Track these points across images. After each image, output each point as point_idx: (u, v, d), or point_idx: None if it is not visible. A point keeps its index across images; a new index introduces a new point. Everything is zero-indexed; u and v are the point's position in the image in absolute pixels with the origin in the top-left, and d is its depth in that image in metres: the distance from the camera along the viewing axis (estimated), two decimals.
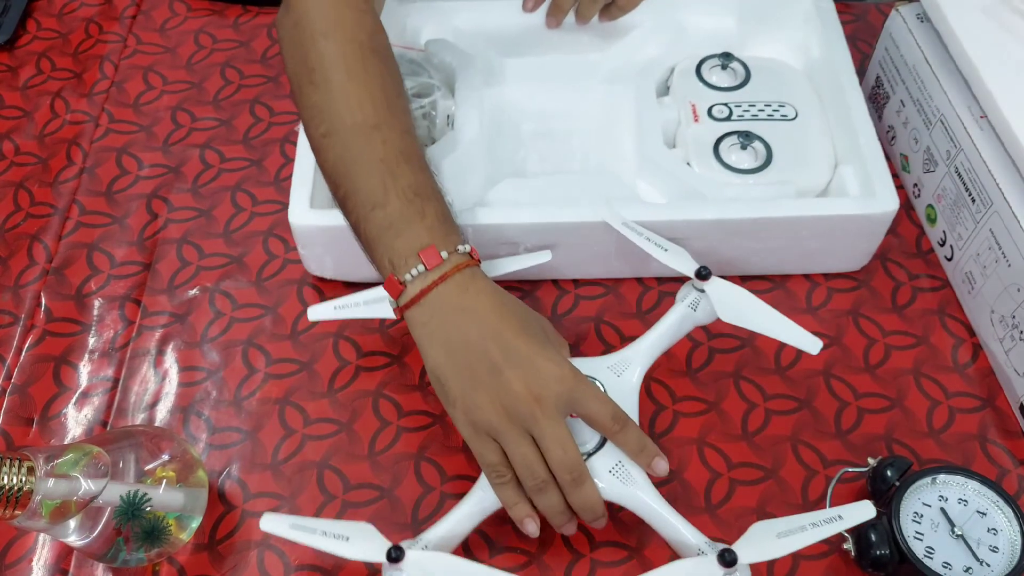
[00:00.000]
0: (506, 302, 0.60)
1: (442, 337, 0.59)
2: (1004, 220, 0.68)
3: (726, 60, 0.83)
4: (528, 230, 0.71)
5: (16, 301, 0.78)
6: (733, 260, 0.75)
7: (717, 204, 0.72)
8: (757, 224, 0.72)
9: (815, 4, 0.85)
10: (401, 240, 0.60)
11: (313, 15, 0.65)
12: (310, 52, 0.65)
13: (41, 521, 0.55)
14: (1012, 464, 0.68)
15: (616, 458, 0.60)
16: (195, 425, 0.71)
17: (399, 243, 0.60)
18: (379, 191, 0.61)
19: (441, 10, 0.87)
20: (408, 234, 0.60)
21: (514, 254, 0.72)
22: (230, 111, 0.92)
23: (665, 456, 0.59)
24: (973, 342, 0.74)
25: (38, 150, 0.89)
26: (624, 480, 0.60)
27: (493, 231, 0.71)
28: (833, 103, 0.80)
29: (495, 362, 0.57)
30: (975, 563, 0.59)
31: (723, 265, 0.74)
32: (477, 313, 0.59)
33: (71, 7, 1.02)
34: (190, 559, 0.65)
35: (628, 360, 0.65)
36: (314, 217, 0.71)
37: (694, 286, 0.67)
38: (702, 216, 0.71)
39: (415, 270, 0.59)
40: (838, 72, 0.80)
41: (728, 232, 0.72)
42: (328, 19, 0.65)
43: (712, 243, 0.73)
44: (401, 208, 0.60)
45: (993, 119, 0.70)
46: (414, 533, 0.65)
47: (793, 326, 0.65)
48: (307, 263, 0.76)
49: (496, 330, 0.58)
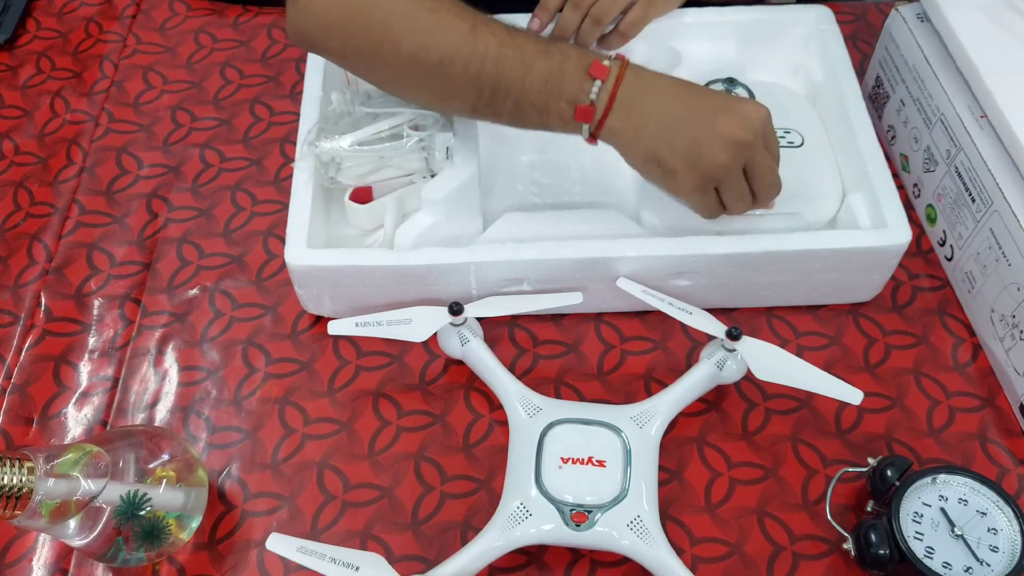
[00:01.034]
0: (675, 78, 0.67)
1: (647, 124, 0.65)
2: (1004, 219, 0.68)
3: (730, 85, 0.82)
4: (533, 266, 0.71)
5: (16, 301, 0.78)
6: (741, 294, 0.74)
7: (726, 239, 0.70)
8: (768, 258, 0.70)
9: (816, 26, 0.84)
10: (566, 79, 0.64)
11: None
12: (373, 16, 0.66)
13: (41, 521, 0.55)
14: (1012, 464, 0.68)
15: (635, 512, 0.61)
16: (195, 425, 0.71)
17: (565, 82, 0.64)
18: (518, 65, 0.65)
19: None
20: (567, 71, 0.65)
21: (519, 290, 0.72)
22: (230, 111, 0.92)
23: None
24: (973, 342, 0.74)
25: (38, 149, 0.89)
26: (642, 536, 0.60)
27: (499, 268, 0.71)
28: (839, 128, 0.79)
29: (702, 118, 0.64)
30: (975, 563, 0.59)
31: (730, 298, 0.74)
32: (664, 90, 0.65)
33: (71, 7, 1.02)
34: (190, 559, 0.65)
35: (651, 413, 0.66)
36: (312, 257, 0.71)
37: (723, 346, 0.67)
38: (712, 251, 0.70)
39: (594, 87, 0.64)
40: (843, 96, 0.78)
41: (737, 266, 0.71)
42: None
43: (721, 278, 0.72)
44: (545, 62, 0.65)
45: (993, 119, 0.70)
46: (414, 533, 0.65)
47: (831, 379, 0.65)
48: (304, 303, 0.75)
49: (687, 97, 0.65)
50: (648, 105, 0.64)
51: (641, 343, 0.75)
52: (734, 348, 0.67)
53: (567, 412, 0.66)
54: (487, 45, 0.65)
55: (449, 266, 0.70)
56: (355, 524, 0.66)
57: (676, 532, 0.65)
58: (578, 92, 0.64)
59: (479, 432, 0.70)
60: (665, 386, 0.69)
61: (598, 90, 0.64)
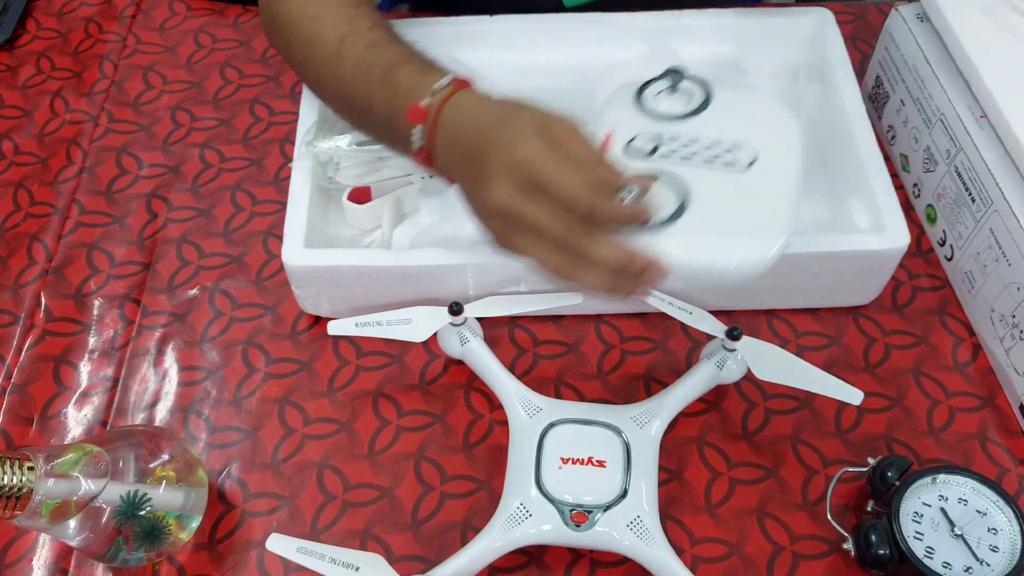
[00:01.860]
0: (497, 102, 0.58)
1: (449, 162, 0.60)
2: (1004, 219, 0.68)
3: (676, 77, 0.65)
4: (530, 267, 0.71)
5: (16, 301, 0.78)
6: (739, 296, 0.74)
7: None
8: None
9: (817, 26, 0.84)
10: (398, 120, 0.62)
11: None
12: (275, 19, 0.71)
13: (41, 521, 0.55)
14: (1012, 464, 0.68)
15: (635, 512, 0.61)
16: (195, 425, 0.71)
17: (398, 123, 0.62)
18: (364, 95, 0.64)
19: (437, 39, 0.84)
20: (397, 110, 0.62)
21: (517, 291, 0.72)
22: (230, 111, 0.92)
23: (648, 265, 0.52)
24: (973, 341, 0.74)
25: (38, 150, 0.89)
26: (642, 536, 0.60)
27: (496, 269, 0.71)
28: (838, 131, 0.78)
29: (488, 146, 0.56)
30: (975, 563, 0.59)
31: (728, 301, 0.74)
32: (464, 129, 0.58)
33: (71, 7, 1.02)
34: (190, 559, 0.65)
35: (651, 413, 0.66)
36: (309, 257, 0.71)
37: (723, 346, 0.67)
38: None
39: (416, 133, 0.61)
40: (843, 98, 0.77)
41: None
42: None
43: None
44: (382, 95, 0.63)
45: (993, 118, 0.70)
46: (414, 533, 0.65)
47: (831, 379, 0.65)
48: (302, 303, 0.75)
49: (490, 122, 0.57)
50: (451, 146, 0.59)
51: (641, 343, 0.75)
52: (734, 348, 0.67)
53: (567, 412, 0.66)
54: (344, 66, 0.65)
55: (447, 266, 0.70)
56: (355, 524, 0.66)
57: (676, 532, 0.65)
58: (406, 137, 0.61)
59: (479, 432, 0.70)
60: (665, 386, 0.69)
61: (417, 135, 0.60)
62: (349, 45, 0.65)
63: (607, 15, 0.86)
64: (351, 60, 0.65)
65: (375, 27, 0.67)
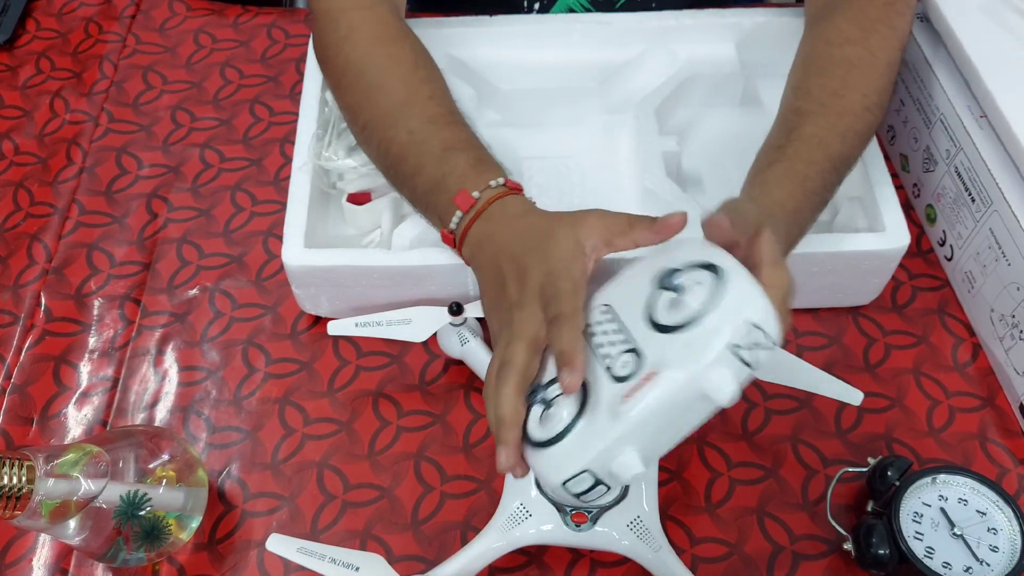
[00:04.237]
0: (521, 235, 0.58)
1: (476, 253, 0.61)
2: (1004, 219, 0.68)
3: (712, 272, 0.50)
4: None
5: (16, 301, 0.78)
6: None
7: None
8: None
9: None
10: (442, 195, 0.63)
11: (331, 21, 0.71)
12: (336, 58, 0.71)
13: (41, 521, 0.55)
14: (1012, 464, 0.68)
15: (635, 512, 0.61)
16: (195, 425, 0.71)
17: (441, 199, 0.63)
18: (414, 162, 0.65)
19: (437, 39, 0.84)
20: (445, 188, 0.63)
21: None
22: (230, 111, 0.92)
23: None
24: (973, 341, 0.74)
25: (38, 150, 0.89)
26: (642, 536, 0.60)
27: None
28: None
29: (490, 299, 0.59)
30: (975, 563, 0.59)
31: None
32: (494, 243, 0.59)
33: (71, 7, 1.02)
34: (190, 559, 0.65)
35: None
36: (309, 257, 0.71)
37: None
38: None
39: (455, 216, 0.61)
40: None
41: None
42: (344, 24, 0.71)
43: None
44: (435, 169, 0.64)
45: (993, 119, 0.70)
46: (414, 533, 0.65)
47: (831, 379, 0.64)
48: (302, 303, 0.75)
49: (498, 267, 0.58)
50: (482, 252, 0.60)
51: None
52: None
53: None
54: (400, 130, 0.65)
55: (446, 267, 0.70)
56: (355, 524, 0.66)
57: (676, 532, 0.65)
58: (445, 215, 0.62)
59: (479, 432, 0.70)
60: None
61: (456, 220, 0.62)
62: (408, 113, 0.66)
63: (607, 15, 0.86)
64: (407, 127, 0.65)
65: (432, 99, 0.67)
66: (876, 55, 0.68)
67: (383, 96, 0.68)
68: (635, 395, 0.48)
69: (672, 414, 0.49)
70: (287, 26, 0.99)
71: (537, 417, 0.52)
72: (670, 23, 0.85)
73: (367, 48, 0.70)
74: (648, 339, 0.50)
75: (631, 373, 0.49)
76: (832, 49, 0.69)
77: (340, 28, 0.71)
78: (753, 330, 0.48)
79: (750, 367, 0.48)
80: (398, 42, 0.71)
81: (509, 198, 0.61)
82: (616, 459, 0.49)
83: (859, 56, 0.68)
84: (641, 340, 0.50)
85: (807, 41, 0.73)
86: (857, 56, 0.68)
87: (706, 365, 0.47)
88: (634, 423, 0.48)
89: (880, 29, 0.69)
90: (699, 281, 0.50)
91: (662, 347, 0.49)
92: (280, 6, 1.08)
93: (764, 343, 0.48)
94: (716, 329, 0.48)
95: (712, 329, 0.48)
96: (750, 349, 0.48)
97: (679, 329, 0.49)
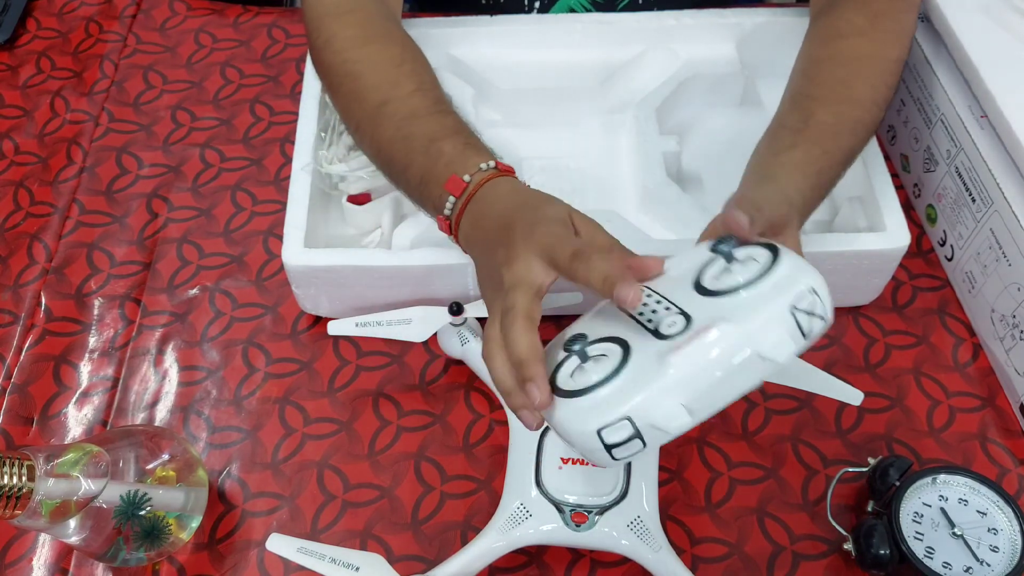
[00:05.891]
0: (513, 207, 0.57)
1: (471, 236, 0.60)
2: (1004, 219, 0.68)
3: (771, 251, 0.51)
4: None
5: (16, 300, 0.78)
6: None
7: None
8: None
9: None
10: (434, 184, 0.62)
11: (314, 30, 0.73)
12: (321, 64, 0.73)
13: (41, 521, 0.55)
14: (1012, 464, 0.68)
15: (635, 512, 0.61)
16: (195, 424, 0.71)
17: (434, 189, 0.62)
18: (403, 157, 0.65)
19: (437, 39, 0.85)
20: (436, 177, 0.62)
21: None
22: (230, 110, 0.92)
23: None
24: (973, 341, 0.74)
25: (38, 149, 0.89)
26: (642, 536, 0.60)
27: None
28: None
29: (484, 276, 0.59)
30: (975, 563, 0.59)
31: None
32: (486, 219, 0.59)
33: (71, 6, 1.02)
34: (190, 559, 0.65)
35: None
36: (309, 257, 0.71)
37: None
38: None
39: (449, 202, 0.61)
40: None
41: None
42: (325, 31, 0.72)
43: None
44: (424, 160, 0.64)
45: (993, 118, 0.70)
46: (414, 533, 0.65)
47: (831, 379, 0.64)
48: (302, 303, 0.75)
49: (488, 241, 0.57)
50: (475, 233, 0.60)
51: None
52: None
53: None
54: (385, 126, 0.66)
55: (446, 267, 0.70)
56: (355, 524, 0.66)
57: (676, 532, 0.65)
58: (438, 202, 0.62)
59: (479, 432, 0.70)
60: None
61: (450, 206, 0.61)
62: (390, 111, 0.66)
63: (608, 15, 0.86)
64: (392, 124, 0.66)
65: (417, 92, 0.67)
66: (885, 49, 0.68)
67: (368, 95, 0.68)
68: (687, 347, 0.46)
69: (724, 372, 0.47)
70: (287, 26, 0.99)
71: (570, 371, 0.49)
72: (670, 23, 0.85)
73: (349, 52, 0.70)
74: (697, 302, 0.48)
75: (680, 331, 0.47)
76: (841, 40, 0.69)
77: (321, 35, 0.71)
78: (812, 295, 0.47)
79: (804, 337, 0.47)
80: (379, 41, 0.71)
81: (501, 179, 0.61)
82: (661, 408, 0.46)
83: (868, 49, 0.68)
84: (688, 305, 0.48)
85: (815, 30, 0.73)
86: (866, 49, 0.68)
87: (765, 321, 0.47)
88: (684, 374, 0.46)
89: (886, 24, 0.69)
90: (754, 256, 0.50)
91: (716, 307, 0.48)
92: (280, 6, 1.08)
93: (820, 312, 0.48)
94: (778, 288, 0.47)
95: (773, 288, 0.47)
96: (808, 314, 0.47)
97: (733, 292, 0.48)
